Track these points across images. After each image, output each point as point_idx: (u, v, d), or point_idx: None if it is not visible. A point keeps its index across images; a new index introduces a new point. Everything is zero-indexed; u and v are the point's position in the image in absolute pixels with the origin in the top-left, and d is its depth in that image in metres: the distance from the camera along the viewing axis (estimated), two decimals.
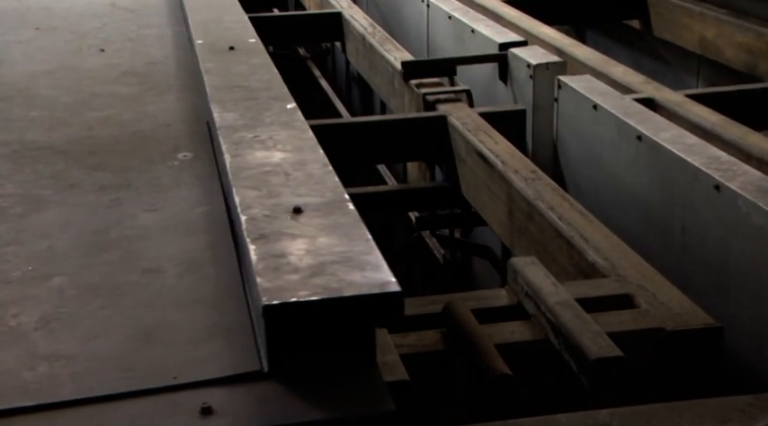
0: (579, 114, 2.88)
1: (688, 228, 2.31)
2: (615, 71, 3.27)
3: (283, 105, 2.40)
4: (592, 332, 1.72)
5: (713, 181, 2.19)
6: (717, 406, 1.54)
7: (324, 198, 1.81)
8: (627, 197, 2.65)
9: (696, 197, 2.27)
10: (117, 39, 3.57)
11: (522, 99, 3.34)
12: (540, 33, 3.82)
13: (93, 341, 1.55)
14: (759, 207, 2.01)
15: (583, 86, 2.92)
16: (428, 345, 1.86)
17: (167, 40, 3.55)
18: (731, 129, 2.68)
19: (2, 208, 2.07)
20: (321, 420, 1.34)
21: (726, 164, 2.24)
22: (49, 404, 1.39)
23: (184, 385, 1.42)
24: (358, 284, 1.47)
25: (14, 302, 1.67)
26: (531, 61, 3.23)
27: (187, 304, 1.66)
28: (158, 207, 2.05)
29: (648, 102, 2.90)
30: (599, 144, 2.78)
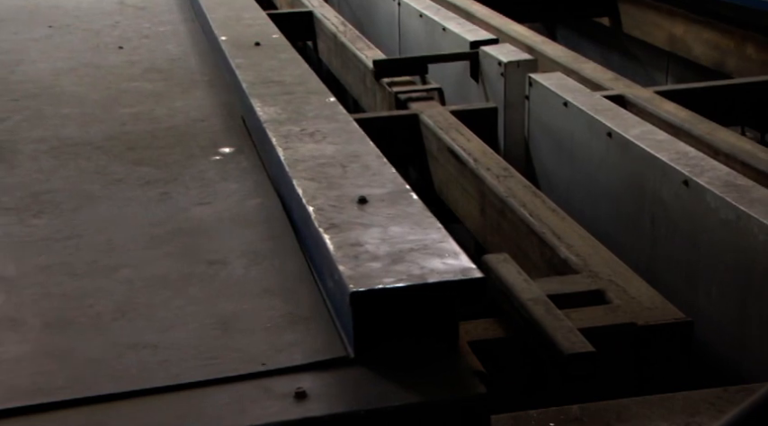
0: (550, 111, 2.92)
1: (658, 223, 2.35)
2: (585, 68, 3.33)
3: (323, 99, 2.43)
4: (564, 329, 1.72)
5: (682, 177, 2.22)
6: (686, 400, 1.56)
7: (385, 188, 1.84)
8: (598, 193, 2.69)
9: (665, 192, 2.31)
10: (133, 37, 3.59)
11: (493, 96, 3.37)
12: (511, 31, 3.88)
13: (172, 331, 1.57)
14: (727, 201, 2.04)
15: (553, 83, 2.96)
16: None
17: (183, 37, 3.57)
18: (700, 125, 2.75)
19: (54, 203, 2.08)
20: (415, 403, 1.37)
21: (694, 160, 2.28)
22: (143, 391, 1.40)
23: (274, 371, 1.45)
24: (440, 271, 1.50)
25: (87, 294, 1.69)
26: (503, 59, 3.26)
27: (258, 293, 1.68)
28: (209, 200, 2.08)
29: (618, 99, 2.95)
30: (570, 140, 2.82)
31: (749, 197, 2.05)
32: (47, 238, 1.92)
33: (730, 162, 2.42)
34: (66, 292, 1.70)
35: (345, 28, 4.35)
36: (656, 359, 1.89)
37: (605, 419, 1.51)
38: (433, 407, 1.38)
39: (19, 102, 2.78)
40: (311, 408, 1.36)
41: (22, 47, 3.41)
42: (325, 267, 1.63)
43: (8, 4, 4.11)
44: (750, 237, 1.98)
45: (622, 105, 2.87)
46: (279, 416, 1.34)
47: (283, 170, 1.99)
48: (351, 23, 4.55)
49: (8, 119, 2.62)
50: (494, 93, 3.35)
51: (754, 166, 2.43)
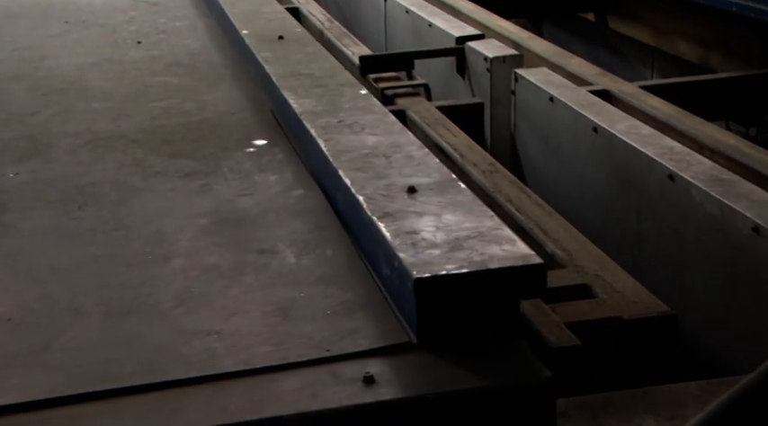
0: (536, 106, 2.94)
1: (643, 217, 2.37)
2: (571, 63, 3.34)
3: (355, 91, 2.45)
4: (551, 323, 1.73)
5: (667, 171, 2.24)
6: (671, 393, 1.58)
7: (432, 178, 1.86)
8: (584, 187, 2.71)
9: (651, 186, 2.33)
10: (150, 32, 3.60)
11: (479, 92, 3.39)
12: (497, 27, 3.88)
13: (233, 318, 1.59)
14: (711, 196, 2.07)
15: (539, 79, 2.98)
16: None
17: (201, 32, 3.59)
18: (685, 120, 2.76)
19: (97, 195, 2.10)
20: (484, 387, 1.39)
21: (679, 155, 2.30)
22: (214, 376, 1.42)
23: (340, 356, 1.47)
24: (500, 257, 1.53)
25: (144, 283, 1.71)
26: (488, 54, 3.28)
27: (312, 282, 1.70)
28: (251, 191, 2.09)
29: (604, 94, 2.97)
30: (556, 136, 2.84)
31: (734, 191, 2.07)
32: (95, 230, 1.94)
33: (715, 156, 2.44)
34: (122, 282, 1.72)
35: (331, 24, 4.37)
36: (643, 353, 1.91)
37: (591, 412, 1.52)
38: (501, 391, 1.40)
39: (47, 96, 2.80)
40: (381, 392, 1.38)
41: (41, 43, 3.42)
42: (381, 255, 1.65)
43: (21, 1, 4.12)
44: (735, 231, 2.00)
45: (608, 100, 2.89)
46: (351, 400, 1.36)
47: (326, 161, 2.01)
48: (337, 20, 4.56)
49: (39, 114, 2.63)
50: (480, 88, 3.37)
51: (738, 161, 2.45)
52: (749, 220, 1.95)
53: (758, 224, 1.91)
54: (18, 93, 2.82)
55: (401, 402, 1.38)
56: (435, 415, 1.39)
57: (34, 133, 2.48)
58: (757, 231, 1.91)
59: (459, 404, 1.39)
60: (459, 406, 1.39)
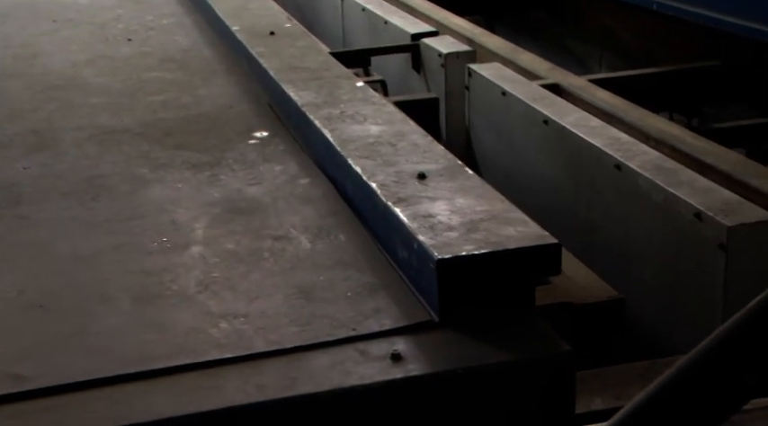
0: (489, 101, 2.97)
1: (593, 206, 2.41)
2: (523, 59, 3.39)
3: (352, 83, 2.47)
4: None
5: (614, 161, 2.28)
6: (619, 373, 1.63)
7: (439, 164, 1.88)
8: (536, 178, 2.74)
9: (599, 176, 2.36)
10: (139, 29, 3.59)
11: (434, 87, 3.41)
12: (452, 24, 3.91)
13: (258, 301, 1.61)
14: (657, 184, 2.11)
15: (492, 74, 3.00)
16: None
17: (189, 29, 3.59)
18: (631, 112, 2.80)
19: (108, 186, 2.10)
20: (508, 361, 1.42)
21: (626, 145, 2.34)
22: (248, 356, 1.44)
23: (367, 335, 1.49)
24: (516, 238, 1.55)
25: (166, 269, 1.72)
26: (443, 50, 3.30)
27: (331, 266, 1.72)
28: (258, 180, 2.11)
29: (554, 88, 3.01)
30: (509, 128, 2.87)
31: (677, 179, 2.11)
32: (111, 219, 1.94)
33: (660, 146, 2.49)
34: (144, 268, 1.73)
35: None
36: (592, 336, 1.93)
37: None
38: (525, 364, 1.43)
39: (46, 93, 2.79)
40: (410, 368, 1.40)
41: (33, 41, 3.41)
42: (397, 238, 1.67)
43: (6, 1, 4.09)
44: (678, 217, 2.03)
45: (558, 94, 2.93)
46: (382, 376, 1.39)
47: (333, 150, 2.03)
48: (295, 18, 4.55)
49: (41, 109, 2.63)
50: (435, 83, 3.39)
51: (681, 150, 2.49)
52: (692, 207, 1.98)
53: (700, 210, 1.95)
54: (17, 89, 2.81)
55: (430, 377, 1.40)
56: (462, 389, 1.42)
57: (39, 128, 2.47)
58: (699, 217, 1.95)
59: (486, 379, 1.42)
60: (486, 380, 1.42)
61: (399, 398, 1.39)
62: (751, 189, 2.18)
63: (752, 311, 1.04)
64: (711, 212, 1.91)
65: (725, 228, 1.85)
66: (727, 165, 2.31)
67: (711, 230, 1.90)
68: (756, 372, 1.04)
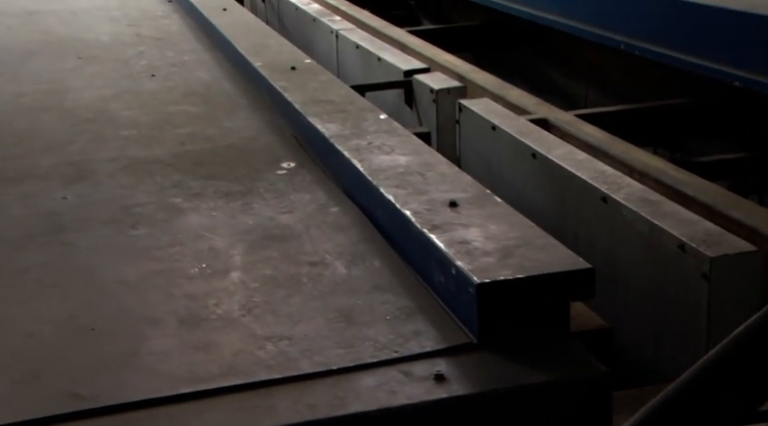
0: (479, 135, 2.97)
1: (579, 237, 2.40)
2: (511, 94, 3.40)
3: (376, 115, 2.48)
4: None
5: (600, 194, 2.28)
6: None
7: (468, 193, 1.90)
8: (525, 210, 2.73)
9: (586, 208, 2.36)
10: (161, 65, 3.61)
11: (426, 122, 3.42)
12: (443, 60, 3.93)
13: (300, 325, 1.61)
14: (641, 216, 2.11)
15: (482, 109, 3.01)
16: None
17: (210, 65, 3.61)
18: (616, 146, 2.82)
19: (145, 214, 2.11)
20: (548, 381, 1.43)
21: (611, 178, 2.34)
22: (296, 377, 1.44)
23: (409, 357, 1.49)
24: (551, 263, 1.56)
25: (209, 294, 1.73)
26: (434, 86, 3.31)
27: (368, 290, 1.73)
28: (290, 209, 2.12)
29: (542, 122, 3.03)
30: (498, 162, 2.88)
31: (661, 210, 2.12)
32: (151, 246, 1.95)
33: (644, 179, 2.50)
34: (187, 293, 1.74)
35: None
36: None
37: None
38: (564, 385, 1.44)
39: (78, 126, 2.80)
40: (454, 388, 1.41)
41: (61, 76, 3.42)
42: (434, 263, 1.68)
43: (33, 38, 4.12)
44: (662, 248, 2.04)
45: (546, 128, 2.94)
46: (428, 396, 1.39)
47: (364, 179, 2.04)
48: None
49: (74, 142, 2.64)
50: (427, 118, 3.41)
51: (665, 183, 2.51)
52: (675, 238, 1.99)
53: (683, 241, 1.96)
54: (50, 123, 2.82)
55: (473, 397, 1.41)
56: (504, 409, 1.42)
57: (74, 160, 2.48)
58: (683, 248, 1.96)
59: (526, 398, 1.42)
60: (525, 400, 1.42)
61: (444, 417, 1.40)
62: (732, 220, 2.20)
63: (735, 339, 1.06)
64: (694, 243, 1.92)
65: (708, 259, 1.86)
66: (709, 198, 2.34)
67: (695, 261, 1.91)
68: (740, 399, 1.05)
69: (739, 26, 3.08)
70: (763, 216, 2.23)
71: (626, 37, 3.68)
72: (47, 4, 4.97)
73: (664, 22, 3.46)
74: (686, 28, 3.34)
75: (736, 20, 3.09)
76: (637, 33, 3.63)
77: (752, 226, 2.16)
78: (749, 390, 1.05)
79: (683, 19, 3.36)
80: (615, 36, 3.75)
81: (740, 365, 1.05)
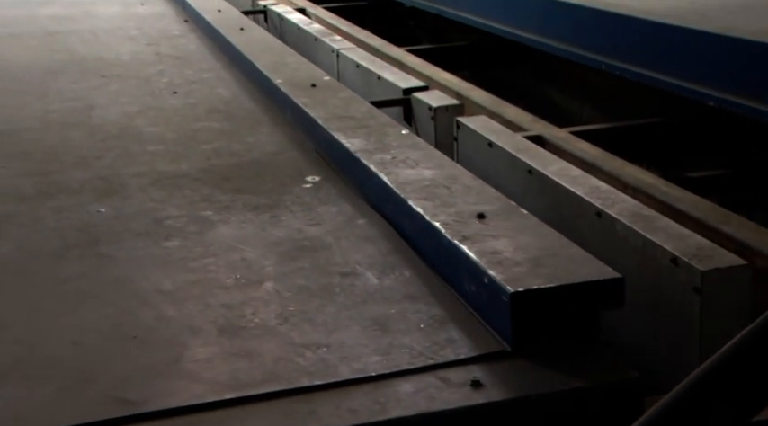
0: (476, 151, 2.98)
1: None
2: (508, 111, 3.43)
3: (398, 131, 2.49)
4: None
5: (595, 209, 2.29)
6: None
7: (495, 205, 1.90)
8: None
9: (580, 223, 2.36)
10: (181, 83, 3.62)
11: (425, 138, 3.40)
12: (440, 79, 3.97)
13: (336, 333, 1.61)
14: (634, 230, 2.12)
15: (479, 126, 3.01)
16: None
17: (229, 82, 3.62)
18: (610, 162, 2.84)
19: (177, 227, 2.12)
20: (581, 387, 1.43)
21: (605, 193, 2.34)
22: (337, 383, 1.45)
23: (444, 364, 1.50)
24: (581, 272, 1.57)
25: (245, 303, 1.73)
26: (433, 104, 3.32)
27: (399, 299, 1.73)
28: (318, 221, 2.12)
29: (537, 139, 3.05)
30: (495, 177, 2.87)
31: (653, 225, 2.12)
32: (185, 257, 1.95)
33: (637, 194, 2.51)
34: (224, 303, 1.74)
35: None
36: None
37: None
38: (597, 390, 1.44)
39: (105, 141, 2.81)
40: (491, 394, 1.41)
41: (86, 94, 3.43)
42: (465, 273, 1.68)
43: (56, 57, 4.14)
44: (655, 262, 2.04)
45: (541, 144, 2.95)
46: (467, 401, 1.40)
47: (391, 192, 2.05)
48: None
49: (104, 157, 2.65)
50: (425, 135, 3.40)
51: (657, 198, 2.54)
52: (668, 252, 2.00)
53: (676, 255, 1.97)
54: (79, 139, 2.83)
55: (510, 402, 1.41)
56: (539, 414, 1.42)
57: (104, 174, 2.49)
58: (675, 262, 1.97)
59: (561, 404, 1.43)
60: (561, 405, 1.43)
61: (482, 423, 1.40)
62: (723, 235, 2.23)
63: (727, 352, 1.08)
64: (686, 257, 1.92)
65: (699, 273, 1.87)
66: (700, 213, 2.36)
67: (687, 274, 1.91)
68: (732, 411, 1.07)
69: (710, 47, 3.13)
70: (751, 230, 2.26)
71: (606, 57, 3.72)
72: (67, 24, 4.99)
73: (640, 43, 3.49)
74: (661, 49, 3.37)
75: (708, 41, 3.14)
76: (616, 54, 3.66)
77: (741, 240, 2.19)
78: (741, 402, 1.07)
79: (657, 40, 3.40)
80: (596, 56, 3.79)
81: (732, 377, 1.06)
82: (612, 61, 3.69)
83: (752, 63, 2.95)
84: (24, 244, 2.02)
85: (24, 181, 2.43)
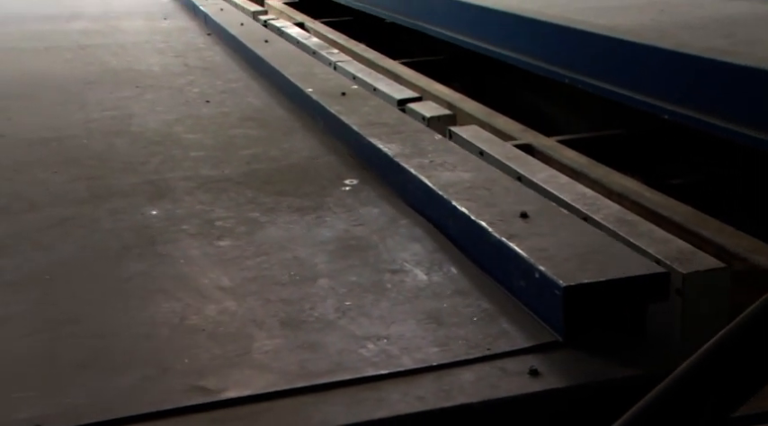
0: None
1: None
2: (498, 121, 3.47)
3: (432, 136, 2.51)
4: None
5: (582, 215, 2.31)
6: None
7: (535, 205, 1.92)
8: None
9: None
10: (212, 92, 3.64)
11: None
12: (433, 90, 4.03)
13: (394, 325, 1.63)
14: (619, 235, 2.13)
15: (470, 135, 3.02)
16: None
17: (258, 91, 3.64)
18: (596, 170, 2.88)
19: (227, 228, 2.13)
20: (635, 375, 1.45)
21: (591, 199, 2.35)
22: (400, 372, 1.46)
23: (501, 354, 1.51)
24: (628, 267, 1.58)
25: (303, 299, 1.75)
26: (426, 114, 3.34)
27: (450, 294, 1.75)
28: (362, 222, 2.14)
29: (527, 147, 3.08)
30: None
31: (637, 230, 2.14)
32: (239, 256, 1.97)
33: (622, 201, 2.55)
34: (283, 298, 1.76)
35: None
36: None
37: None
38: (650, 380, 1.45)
39: (148, 148, 2.83)
40: (550, 382, 1.43)
41: (123, 104, 3.45)
42: (514, 269, 1.70)
43: (91, 69, 4.15)
44: None
45: (530, 153, 2.98)
46: (528, 389, 1.41)
47: (434, 194, 2.06)
48: None
49: (149, 163, 2.66)
50: None
51: (640, 204, 2.58)
52: (651, 256, 2.02)
53: (658, 258, 1.98)
54: (123, 145, 2.85)
55: (567, 390, 1.42)
56: (594, 401, 1.44)
57: (152, 179, 2.50)
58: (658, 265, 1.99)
59: (614, 392, 1.44)
60: (614, 393, 1.44)
61: (542, 409, 1.41)
62: (702, 238, 2.28)
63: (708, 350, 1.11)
64: (668, 260, 1.94)
65: (681, 275, 1.89)
66: (681, 217, 2.40)
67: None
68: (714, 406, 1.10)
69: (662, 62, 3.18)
70: (729, 234, 2.31)
71: (570, 71, 3.77)
72: (96, 38, 5.02)
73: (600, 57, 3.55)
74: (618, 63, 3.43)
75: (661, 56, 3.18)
76: (578, 68, 3.71)
77: (719, 244, 2.25)
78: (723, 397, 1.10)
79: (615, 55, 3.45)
80: (561, 70, 3.84)
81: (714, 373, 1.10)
82: (575, 75, 3.75)
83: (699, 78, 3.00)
84: (86, 245, 2.04)
85: (77, 185, 2.45)
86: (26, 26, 5.35)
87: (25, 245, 2.03)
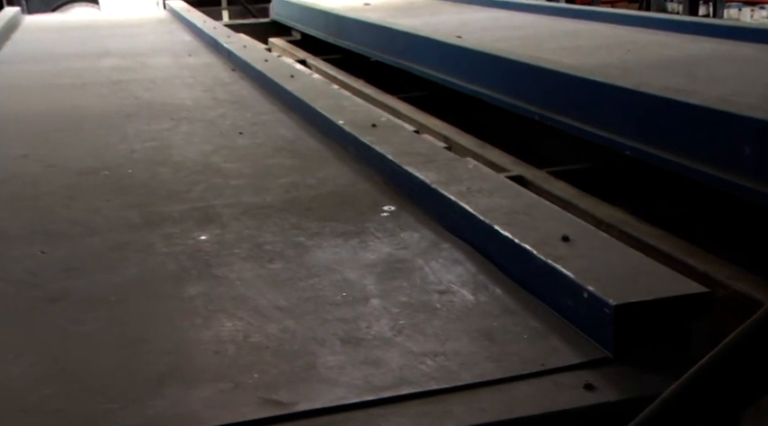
0: None
1: None
2: (491, 154, 3.53)
3: (465, 165, 2.53)
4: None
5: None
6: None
7: (576, 229, 1.94)
8: None
9: None
10: (244, 124, 3.67)
11: None
12: (430, 123, 4.14)
13: (447, 343, 1.65)
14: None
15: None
16: None
17: (288, 123, 3.66)
18: (585, 200, 2.94)
19: (276, 251, 2.15)
20: None
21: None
22: (459, 387, 1.48)
23: (555, 369, 1.53)
24: (672, 287, 1.60)
25: (358, 318, 1.77)
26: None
27: (498, 314, 1.76)
28: (404, 246, 2.16)
29: (518, 179, 3.12)
30: None
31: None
32: (291, 278, 1.99)
33: (610, 230, 2.58)
34: (339, 318, 1.77)
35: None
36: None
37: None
38: None
39: (190, 177, 2.85)
40: (606, 395, 1.44)
41: (161, 135, 3.48)
42: (561, 289, 1.72)
43: (126, 103, 4.18)
44: None
45: (522, 184, 3.02)
46: (586, 401, 1.42)
47: (474, 218, 2.08)
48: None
49: (193, 190, 2.69)
50: None
51: (628, 233, 2.63)
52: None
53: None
54: (167, 174, 2.87)
55: (623, 402, 1.44)
56: None
57: (198, 206, 2.53)
58: None
59: None
60: None
61: (598, 421, 1.43)
62: (687, 266, 2.33)
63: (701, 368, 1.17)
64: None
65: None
66: (667, 246, 2.43)
67: None
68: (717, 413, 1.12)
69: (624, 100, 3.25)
70: (712, 262, 2.37)
71: (539, 108, 3.84)
72: (127, 74, 5.05)
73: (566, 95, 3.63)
74: (583, 101, 3.50)
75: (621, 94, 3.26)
76: (546, 105, 3.79)
77: (703, 272, 2.31)
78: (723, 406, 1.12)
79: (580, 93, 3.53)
80: (530, 107, 3.91)
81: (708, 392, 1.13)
82: (544, 112, 3.82)
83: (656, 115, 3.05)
84: (145, 268, 2.05)
85: (130, 212, 2.47)
86: (60, 64, 5.40)
87: (89, 268, 2.05)
